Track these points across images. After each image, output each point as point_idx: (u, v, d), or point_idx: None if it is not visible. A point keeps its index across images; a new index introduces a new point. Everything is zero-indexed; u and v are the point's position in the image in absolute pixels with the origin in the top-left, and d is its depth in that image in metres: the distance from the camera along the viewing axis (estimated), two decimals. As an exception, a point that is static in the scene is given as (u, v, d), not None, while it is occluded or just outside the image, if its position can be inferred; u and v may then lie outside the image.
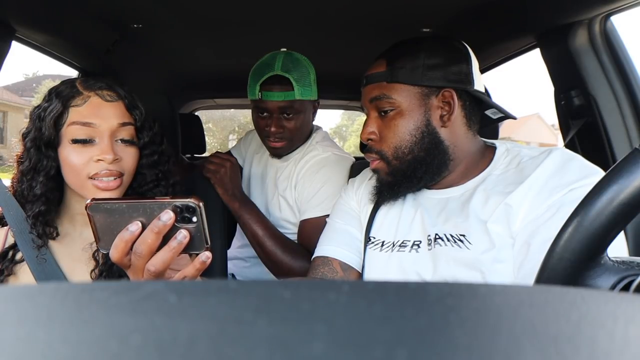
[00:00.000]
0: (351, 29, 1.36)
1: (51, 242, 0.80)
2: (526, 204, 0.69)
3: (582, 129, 1.19)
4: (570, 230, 0.37)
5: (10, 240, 0.79)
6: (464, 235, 0.74)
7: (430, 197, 0.84)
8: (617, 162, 0.36)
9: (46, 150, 0.76)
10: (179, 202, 0.54)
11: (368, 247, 0.88)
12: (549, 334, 0.16)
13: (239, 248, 1.42)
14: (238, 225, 1.28)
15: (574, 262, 0.37)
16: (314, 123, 1.37)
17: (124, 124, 0.78)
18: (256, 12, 1.23)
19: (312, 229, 1.19)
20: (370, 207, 0.91)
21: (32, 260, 0.76)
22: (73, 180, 0.77)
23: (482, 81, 0.83)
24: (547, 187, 0.69)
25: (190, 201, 0.54)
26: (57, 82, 0.83)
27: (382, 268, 0.83)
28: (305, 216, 1.22)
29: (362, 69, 2.01)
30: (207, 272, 0.99)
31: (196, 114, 2.73)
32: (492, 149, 0.84)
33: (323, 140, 1.33)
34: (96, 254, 0.80)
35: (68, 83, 0.79)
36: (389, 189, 0.84)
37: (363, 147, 0.87)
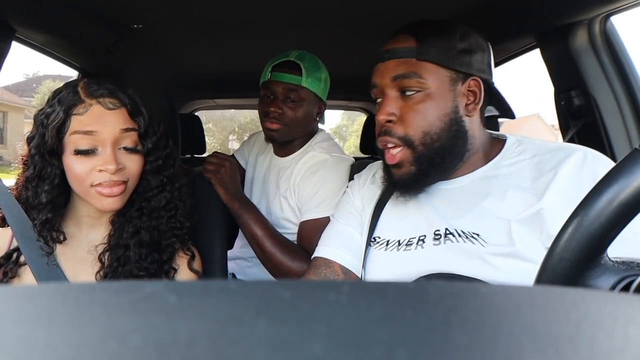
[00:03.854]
0: (351, 29, 1.36)
1: (57, 245, 0.80)
2: (563, 208, 0.62)
3: (582, 129, 1.19)
4: (570, 230, 0.37)
5: (16, 243, 0.79)
6: (477, 234, 0.71)
7: (436, 187, 0.80)
8: (617, 162, 0.36)
9: (50, 158, 0.75)
10: None
11: (372, 246, 0.84)
12: (549, 334, 0.16)
13: (241, 248, 1.42)
14: (239, 225, 1.27)
15: (574, 262, 0.37)
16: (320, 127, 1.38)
17: (126, 130, 0.77)
18: (256, 12, 1.23)
19: (312, 230, 1.19)
20: (373, 205, 0.88)
21: (35, 265, 0.76)
22: (77, 188, 0.77)
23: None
24: (582, 188, 0.62)
25: None
26: (57, 82, 0.84)
27: (386, 268, 0.80)
28: (304, 217, 1.22)
29: (362, 69, 2.01)
30: (208, 273, 0.99)
31: (196, 114, 2.74)
32: (501, 140, 0.82)
33: (323, 141, 1.33)
34: (102, 256, 0.80)
35: (71, 88, 0.77)
36: (414, 181, 0.78)
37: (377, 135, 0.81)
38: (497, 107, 0.86)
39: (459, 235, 0.73)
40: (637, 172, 0.35)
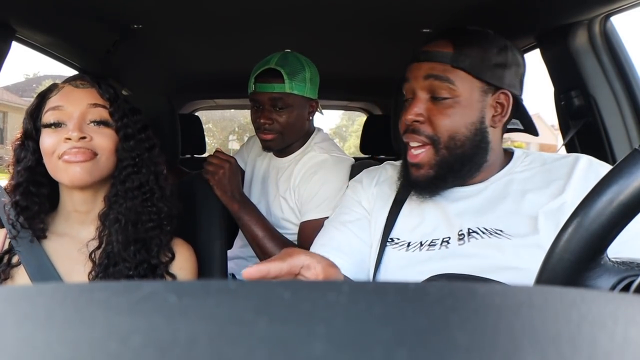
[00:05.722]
0: (351, 29, 1.36)
1: (48, 242, 0.81)
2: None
3: (582, 130, 1.19)
4: (570, 230, 0.37)
5: (7, 245, 0.81)
6: (501, 230, 0.74)
7: (453, 192, 0.83)
8: (617, 162, 0.36)
9: (27, 142, 0.80)
10: None
11: (389, 246, 0.84)
12: (549, 334, 0.16)
13: (241, 247, 1.42)
14: (239, 225, 1.27)
15: (574, 262, 0.37)
16: (316, 126, 1.37)
17: (94, 105, 0.80)
18: (256, 12, 1.23)
19: (312, 230, 1.18)
20: (388, 207, 0.88)
21: (28, 263, 0.77)
22: (49, 166, 0.79)
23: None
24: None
25: None
26: (49, 85, 0.85)
27: (408, 267, 0.80)
28: (304, 218, 1.22)
29: (362, 69, 2.01)
30: (207, 273, 0.99)
31: (196, 114, 2.73)
32: (509, 152, 0.86)
33: (322, 141, 1.33)
34: (93, 255, 0.80)
35: (53, 84, 0.84)
36: (430, 184, 0.80)
37: (403, 131, 0.83)
38: (522, 122, 0.89)
39: (483, 233, 0.75)
40: (637, 172, 0.35)
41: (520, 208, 0.75)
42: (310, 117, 1.32)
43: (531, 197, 0.76)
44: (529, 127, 0.88)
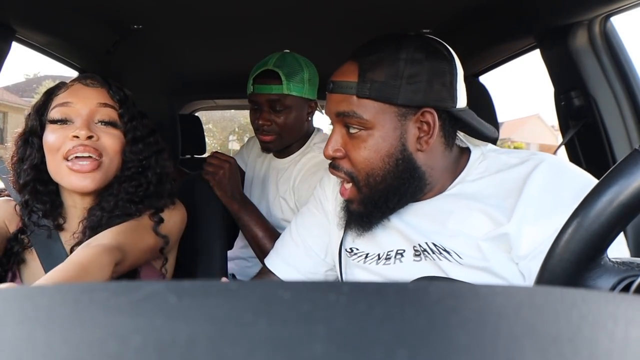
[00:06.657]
0: (351, 29, 1.36)
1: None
2: (527, 229, 0.64)
3: (582, 130, 1.19)
4: (570, 231, 0.37)
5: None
6: (448, 251, 0.70)
7: (408, 207, 0.77)
8: (617, 163, 0.36)
9: (31, 139, 0.79)
10: None
11: (349, 257, 0.82)
12: (550, 335, 0.16)
13: (241, 248, 1.43)
14: (239, 226, 1.27)
15: (574, 262, 0.37)
16: (315, 126, 1.37)
17: (104, 105, 0.79)
18: (256, 13, 1.23)
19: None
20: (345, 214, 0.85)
21: (43, 252, 0.78)
22: (51, 166, 0.77)
23: (464, 92, 0.72)
24: (545, 206, 0.63)
25: None
26: (57, 82, 0.85)
27: (367, 279, 0.79)
28: (304, 218, 1.22)
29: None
30: (207, 273, 0.99)
31: (196, 114, 2.74)
32: (467, 153, 0.77)
33: (322, 142, 1.33)
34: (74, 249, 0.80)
35: (61, 82, 0.83)
36: (360, 220, 0.76)
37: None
38: (470, 133, 0.77)
39: (433, 252, 0.71)
40: (637, 172, 0.35)
41: (467, 228, 0.69)
42: (309, 118, 1.33)
43: (477, 217, 0.68)
44: (481, 133, 0.75)
